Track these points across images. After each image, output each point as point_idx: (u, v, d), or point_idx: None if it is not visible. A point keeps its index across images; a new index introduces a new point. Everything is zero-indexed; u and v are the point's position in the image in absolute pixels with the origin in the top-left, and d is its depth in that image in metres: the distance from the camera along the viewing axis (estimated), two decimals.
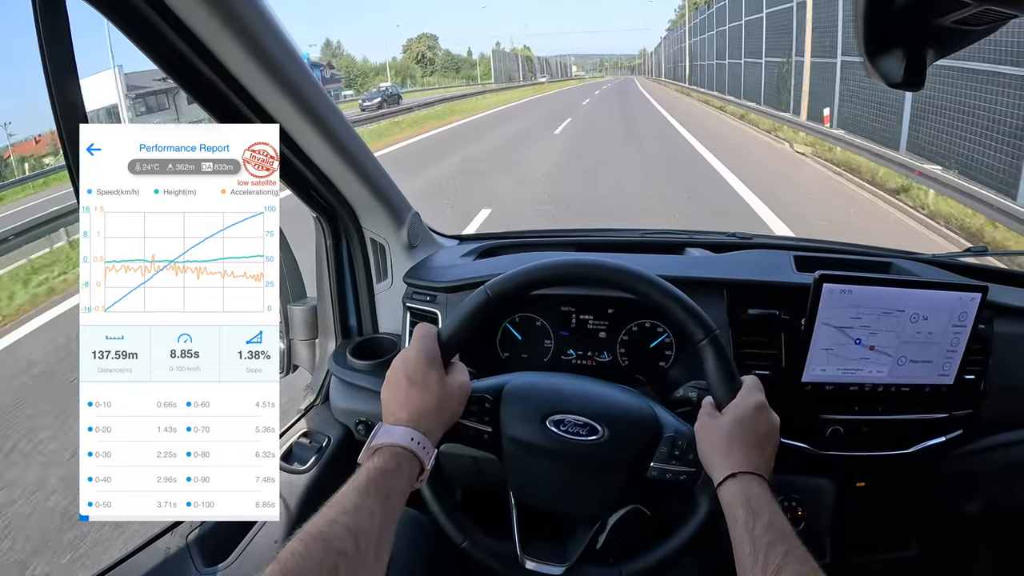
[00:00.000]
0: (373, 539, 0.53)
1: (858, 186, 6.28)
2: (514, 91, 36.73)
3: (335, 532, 0.51)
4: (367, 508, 0.54)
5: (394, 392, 0.66)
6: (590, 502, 0.71)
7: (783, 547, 0.54)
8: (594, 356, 0.94)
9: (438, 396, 0.65)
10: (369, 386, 0.96)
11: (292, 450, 0.96)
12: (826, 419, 0.86)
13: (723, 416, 0.66)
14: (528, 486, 0.72)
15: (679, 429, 0.70)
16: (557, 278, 0.73)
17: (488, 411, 0.71)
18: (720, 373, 0.68)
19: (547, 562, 0.69)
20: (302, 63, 0.75)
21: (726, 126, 12.14)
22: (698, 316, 0.69)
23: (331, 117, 0.81)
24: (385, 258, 1.03)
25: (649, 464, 0.69)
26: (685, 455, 0.68)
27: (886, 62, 0.46)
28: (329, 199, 0.95)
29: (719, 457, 0.64)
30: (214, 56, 0.67)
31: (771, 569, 0.53)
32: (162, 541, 0.83)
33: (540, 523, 0.72)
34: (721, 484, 0.62)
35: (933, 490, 0.96)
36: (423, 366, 0.66)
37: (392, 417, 0.64)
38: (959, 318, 0.84)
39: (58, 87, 0.64)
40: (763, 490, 0.60)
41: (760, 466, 0.63)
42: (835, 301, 0.82)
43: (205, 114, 0.76)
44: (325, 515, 0.53)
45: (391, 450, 0.60)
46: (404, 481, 0.59)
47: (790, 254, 0.97)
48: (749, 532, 0.56)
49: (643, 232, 1.18)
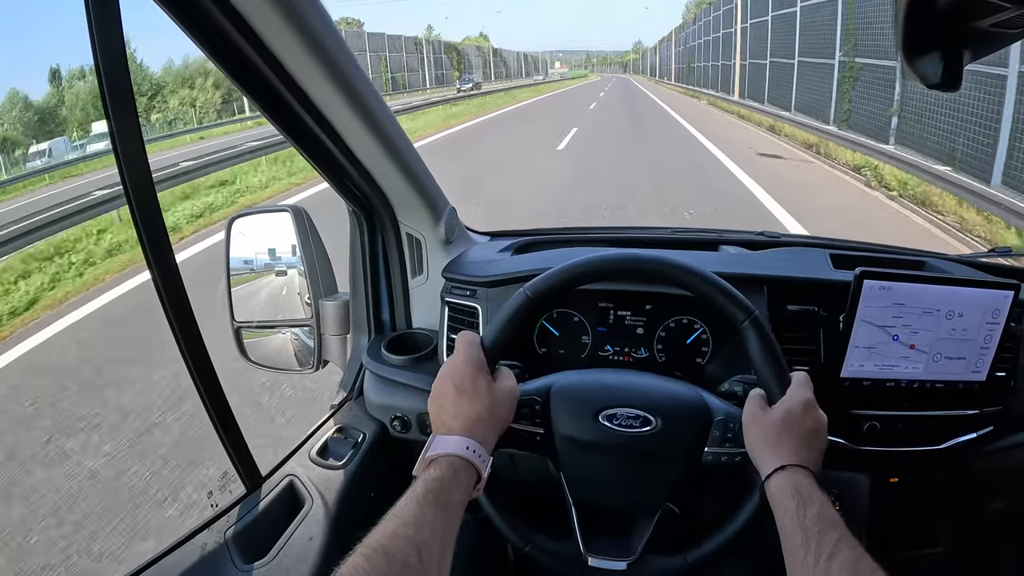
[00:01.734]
0: (436, 551, 0.52)
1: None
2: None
3: (397, 545, 0.51)
4: (427, 520, 0.54)
5: (444, 402, 0.65)
6: (649, 493, 0.72)
7: (835, 534, 0.55)
8: (631, 352, 0.95)
9: (488, 403, 0.65)
10: (405, 381, 0.95)
11: (327, 445, 0.95)
12: (863, 415, 0.87)
13: (773, 411, 0.67)
14: (585, 483, 0.72)
15: (729, 412, 0.71)
16: (594, 274, 0.73)
17: (539, 412, 0.72)
18: (769, 365, 0.69)
19: (611, 557, 0.70)
20: (351, 54, 0.75)
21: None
22: (737, 299, 0.70)
23: (377, 109, 0.81)
24: (421, 253, 1.02)
25: (703, 449, 0.69)
26: (738, 437, 0.69)
27: (924, 63, 0.47)
28: (367, 192, 0.95)
29: (768, 449, 0.64)
30: (263, 43, 0.67)
31: (824, 555, 0.54)
32: (199, 537, 0.81)
33: (598, 519, 0.73)
34: (770, 477, 0.63)
35: (961, 487, 0.98)
36: (471, 374, 0.65)
37: (444, 427, 0.64)
38: (992, 315, 0.85)
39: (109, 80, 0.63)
40: (811, 482, 0.61)
41: (809, 461, 0.64)
42: (875, 297, 0.83)
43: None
44: (385, 528, 0.52)
45: (447, 460, 0.60)
46: (462, 491, 0.59)
47: (826, 252, 0.99)
48: (800, 521, 0.57)
49: (674, 230, 1.19)
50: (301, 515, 0.86)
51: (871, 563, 0.53)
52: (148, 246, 0.69)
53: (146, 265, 0.71)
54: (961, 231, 5.04)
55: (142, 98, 14.68)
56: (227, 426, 0.82)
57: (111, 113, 0.63)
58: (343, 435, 0.97)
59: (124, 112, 0.64)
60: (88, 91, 14.11)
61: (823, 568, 0.53)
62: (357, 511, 0.91)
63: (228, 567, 0.80)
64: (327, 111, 0.78)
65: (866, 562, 0.53)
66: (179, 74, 20.21)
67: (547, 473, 0.76)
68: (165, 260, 0.71)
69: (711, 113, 15.46)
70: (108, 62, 0.62)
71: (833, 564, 0.53)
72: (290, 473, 0.91)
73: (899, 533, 1.00)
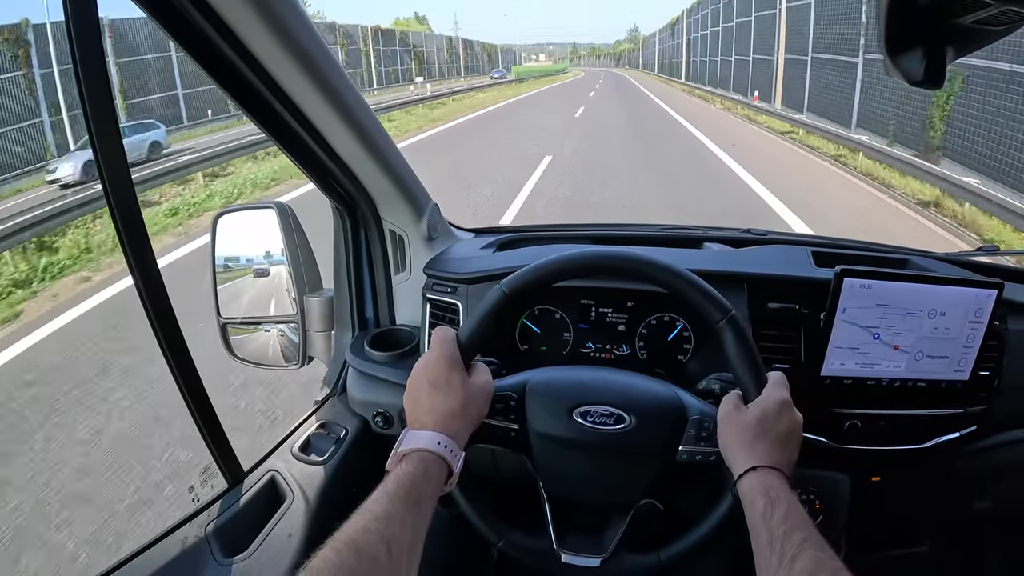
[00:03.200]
0: (405, 546, 0.53)
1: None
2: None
3: (367, 540, 0.51)
4: (398, 515, 0.54)
5: (418, 398, 0.66)
6: (623, 491, 0.72)
7: (800, 535, 0.55)
8: (613, 349, 0.95)
9: (462, 398, 0.65)
10: (387, 377, 0.95)
11: (310, 441, 0.96)
12: (844, 413, 0.87)
13: (748, 411, 0.66)
14: (560, 479, 0.72)
15: (704, 411, 0.71)
16: (570, 270, 0.72)
17: (514, 408, 0.72)
18: (745, 363, 0.68)
19: (584, 554, 0.70)
20: (327, 50, 0.75)
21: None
22: (714, 298, 0.69)
23: (357, 107, 0.81)
24: (404, 250, 1.02)
25: (678, 448, 0.69)
26: (712, 436, 0.69)
27: (907, 60, 0.46)
28: (350, 190, 0.95)
29: (742, 450, 0.64)
30: (240, 41, 0.67)
31: (788, 556, 0.53)
32: (180, 532, 0.82)
33: (572, 516, 0.73)
34: (741, 477, 0.63)
35: (945, 486, 0.97)
36: (444, 369, 0.66)
37: (418, 423, 0.64)
38: (975, 314, 0.85)
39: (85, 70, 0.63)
40: (782, 483, 0.61)
41: (781, 462, 0.63)
42: (855, 295, 0.83)
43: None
44: (356, 523, 0.53)
45: (419, 455, 0.60)
46: (433, 486, 0.60)
47: (808, 250, 0.98)
48: (766, 521, 0.57)
49: (660, 227, 1.19)
50: (282, 510, 0.86)
51: (836, 564, 0.53)
52: (128, 246, 0.70)
53: (126, 265, 0.72)
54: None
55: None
56: (208, 422, 0.82)
57: (90, 116, 0.63)
58: (326, 431, 0.97)
59: (102, 111, 0.65)
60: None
61: (786, 569, 0.53)
62: (338, 507, 0.91)
63: (208, 561, 0.80)
64: (306, 109, 0.78)
65: (831, 564, 0.53)
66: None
67: (526, 470, 0.76)
68: (145, 259, 0.71)
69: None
70: (86, 61, 0.62)
71: (795, 565, 0.52)
72: (272, 469, 0.91)
73: (881, 532, 0.99)
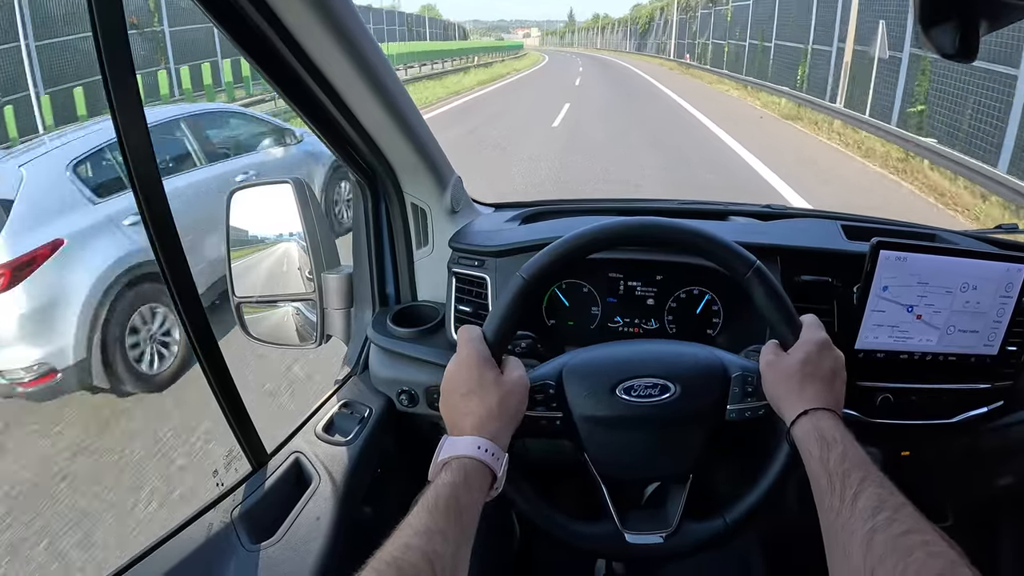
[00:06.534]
0: (448, 562, 0.50)
1: None
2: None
3: (409, 558, 0.48)
4: (439, 529, 0.51)
5: (452, 402, 0.63)
6: (678, 460, 0.71)
7: (859, 473, 0.54)
8: (641, 324, 0.94)
9: (498, 397, 0.62)
10: (412, 354, 0.93)
11: (333, 421, 0.93)
12: (876, 387, 0.87)
13: (790, 356, 0.66)
14: (613, 460, 0.71)
15: (745, 366, 0.70)
16: (589, 245, 0.70)
17: (554, 396, 0.70)
18: (778, 310, 0.67)
19: (648, 532, 0.68)
20: (359, 19, 0.71)
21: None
22: (738, 252, 0.68)
23: (385, 75, 0.78)
24: (426, 223, 0.99)
25: (726, 407, 0.69)
26: (758, 390, 0.68)
27: (940, 34, 0.46)
28: (371, 162, 0.91)
29: (791, 396, 0.63)
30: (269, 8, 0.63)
31: (848, 495, 0.53)
32: (206, 517, 0.79)
33: (628, 494, 0.72)
34: (793, 423, 0.62)
35: (970, 462, 0.98)
36: (476, 370, 0.63)
37: (456, 429, 0.62)
38: (1006, 289, 0.85)
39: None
40: (835, 423, 0.61)
41: (831, 402, 0.63)
42: (890, 268, 0.83)
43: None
44: (396, 540, 0.50)
45: (459, 462, 0.57)
46: (476, 494, 0.57)
47: (838, 223, 0.98)
48: (824, 464, 0.57)
49: (682, 201, 1.17)
50: (308, 493, 0.84)
51: (899, 499, 0.52)
52: (154, 230, 0.66)
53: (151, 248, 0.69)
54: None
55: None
56: (232, 404, 0.80)
57: (115, 103, 0.59)
58: (349, 410, 0.95)
59: (126, 94, 0.60)
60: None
61: (848, 509, 0.52)
62: (364, 487, 0.89)
63: (236, 547, 0.78)
64: (333, 77, 0.74)
65: (892, 499, 0.52)
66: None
67: (559, 456, 0.74)
68: (171, 241, 0.68)
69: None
70: (109, 42, 0.58)
71: (857, 504, 0.52)
72: (296, 450, 0.89)
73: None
